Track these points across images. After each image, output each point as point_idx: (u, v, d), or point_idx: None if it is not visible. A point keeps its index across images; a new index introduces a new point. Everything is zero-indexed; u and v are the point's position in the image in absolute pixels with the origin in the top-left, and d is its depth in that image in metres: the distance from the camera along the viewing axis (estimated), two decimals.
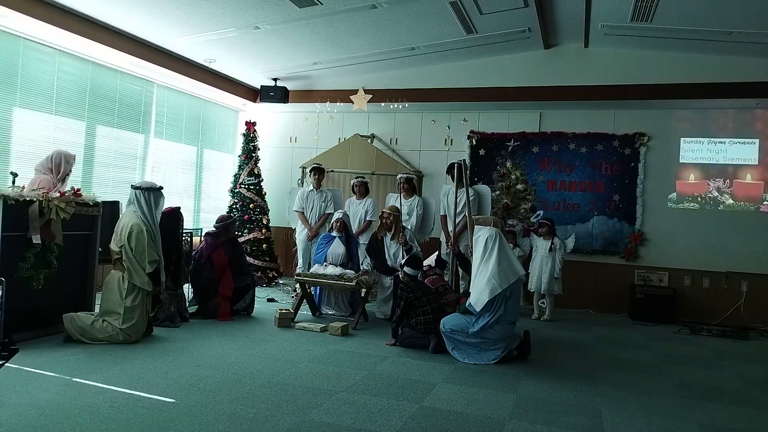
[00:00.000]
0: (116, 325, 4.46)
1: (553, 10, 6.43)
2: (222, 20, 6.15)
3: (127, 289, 4.55)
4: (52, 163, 4.82)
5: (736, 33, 6.10)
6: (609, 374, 4.51)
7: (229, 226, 6.10)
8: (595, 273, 7.63)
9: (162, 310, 5.16)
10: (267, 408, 3.29)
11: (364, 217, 6.82)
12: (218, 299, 5.71)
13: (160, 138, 7.61)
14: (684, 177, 7.45)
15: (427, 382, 3.99)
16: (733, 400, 4.01)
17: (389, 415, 3.30)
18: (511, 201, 7.60)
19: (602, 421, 3.42)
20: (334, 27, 6.48)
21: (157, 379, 3.66)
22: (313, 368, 4.17)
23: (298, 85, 8.59)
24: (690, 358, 5.25)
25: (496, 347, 4.60)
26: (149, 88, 7.39)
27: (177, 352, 4.37)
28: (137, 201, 4.74)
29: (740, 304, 7.12)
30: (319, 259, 6.19)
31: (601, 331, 6.29)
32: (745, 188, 7.23)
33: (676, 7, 5.70)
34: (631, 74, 7.19)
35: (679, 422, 3.49)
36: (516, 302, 4.73)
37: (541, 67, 7.59)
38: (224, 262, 5.85)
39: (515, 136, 7.97)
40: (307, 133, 8.92)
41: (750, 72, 6.77)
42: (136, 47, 6.55)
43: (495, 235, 4.65)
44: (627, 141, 7.59)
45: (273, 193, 8.59)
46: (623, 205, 7.60)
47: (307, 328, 5.43)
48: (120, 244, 4.59)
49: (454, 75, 7.92)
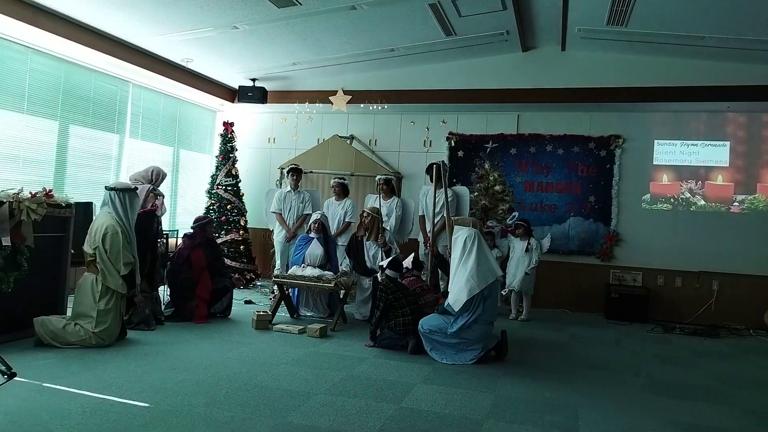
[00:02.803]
0: (89, 328, 4.37)
1: (531, 14, 6.50)
2: (200, 19, 6.09)
3: (100, 292, 4.47)
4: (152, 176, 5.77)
5: (708, 38, 6.23)
6: (585, 373, 4.57)
7: (206, 227, 6.02)
8: (571, 273, 7.72)
9: (136, 312, 5.08)
10: (244, 411, 3.26)
11: (343, 218, 6.80)
12: (195, 301, 5.64)
13: (136, 138, 7.50)
14: (658, 178, 7.59)
15: (406, 383, 3.99)
16: (705, 398, 4.10)
17: (368, 417, 3.29)
18: (490, 202, 7.65)
19: (578, 420, 3.46)
20: (313, 27, 6.46)
21: (130, 383, 3.60)
22: (291, 370, 4.14)
23: (276, 85, 8.54)
24: (663, 357, 5.34)
25: (474, 347, 4.63)
26: (124, 88, 7.28)
27: (152, 356, 4.30)
28: (112, 202, 4.67)
29: (711, 303, 7.27)
30: (297, 261, 6.16)
31: (577, 331, 6.38)
32: (717, 190, 7.39)
33: (651, 12, 5.81)
34: (607, 77, 7.31)
35: (653, 420, 3.55)
36: (494, 302, 4.77)
37: (518, 70, 7.67)
38: (203, 263, 5.79)
39: (493, 138, 8.04)
40: (286, 133, 8.87)
41: (721, 76, 6.92)
42: (111, 46, 6.44)
43: (474, 236, 4.68)
44: (602, 143, 7.70)
45: (251, 194, 8.52)
46: (599, 206, 7.71)
47: (285, 330, 5.40)
48: (94, 246, 4.51)
49: (433, 77, 7.95)
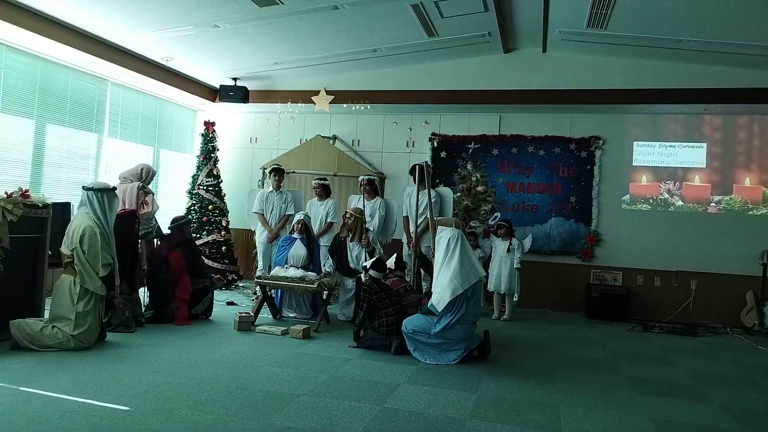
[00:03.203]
0: (67, 331, 4.30)
1: (512, 15, 6.55)
2: (180, 17, 6.02)
3: (78, 294, 4.40)
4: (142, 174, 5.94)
5: (685, 41, 6.34)
6: (566, 372, 4.62)
7: (183, 227, 5.95)
8: (552, 273, 7.80)
9: (116, 314, 5.00)
10: (226, 414, 3.23)
11: (325, 218, 6.78)
12: (175, 302, 5.58)
13: (115, 137, 7.39)
14: (637, 179, 7.70)
15: (389, 384, 3.99)
16: (684, 395, 4.16)
17: (351, 418, 3.28)
18: (472, 203, 7.70)
19: (560, 418, 3.49)
20: (295, 27, 6.43)
21: (110, 387, 3.54)
22: (274, 372, 4.12)
23: (258, 85, 8.48)
24: (643, 355, 5.42)
25: (457, 347, 4.65)
26: (103, 86, 7.17)
27: (132, 358, 4.24)
28: (90, 203, 4.60)
29: (689, 302, 7.40)
30: (280, 262, 6.12)
31: (559, 330, 6.44)
32: (694, 190, 7.53)
33: (629, 15, 5.89)
34: (587, 79, 7.39)
35: (634, 417, 3.60)
36: (477, 302, 4.80)
37: (500, 71, 7.72)
38: (181, 264, 5.72)
39: (476, 139, 8.08)
40: (268, 133, 8.81)
41: (698, 79, 7.05)
42: (89, 43, 6.33)
43: (457, 236, 4.70)
44: (583, 144, 7.79)
45: (232, 194, 8.45)
46: (580, 207, 7.80)
47: (268, 332, 5.36)
48: (72, 247, 4.43)
49: (415, 77, 7.97)
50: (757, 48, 6.17)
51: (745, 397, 4.19)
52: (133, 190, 5.78)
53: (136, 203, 5.72)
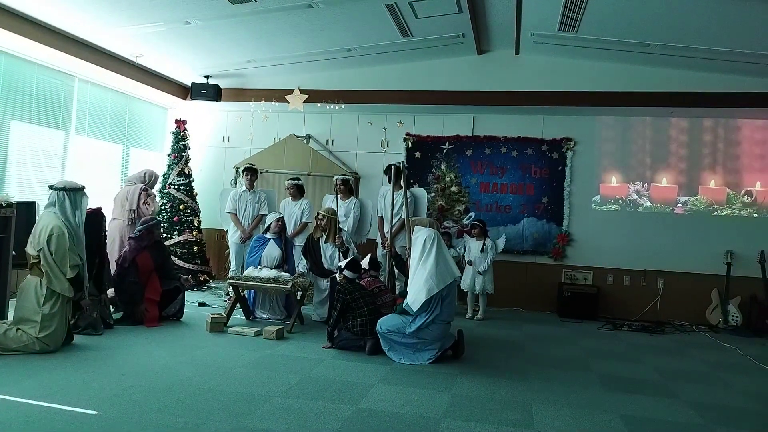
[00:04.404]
0: (32, 333, 4.18)
1: (486, 17, 6.61)
2: (150, 13, 5.91)
3: (45, 296, 4.28)
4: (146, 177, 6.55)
5: (652, 45, 6.49)
6: (539, 370, 4.68)
7: (153, 228, 5.83)
8: (525, 273, 7.89)
9: (83, 316, 4.87)
10: (197, 416, 3.18)
11: (299, 218, 6.74)
12: (146, 304, 5.47)
13: (82, 135, 7.21)
14: (607, 180, 7.85)
15: (364, 384, 3.98)
16: (652, 392, 4.26)
17: (325, 419, 3.27)
18: (446, 203, 7.74)
19: (532, 416, 3.54)
20: (269, 25, 6.37)
21: (77, 391, 3.45)
22: (247, 374, 4.07)
23: (231, 83, 8.38)
24: (612, 353, 5.52)
25: (431, 347, 4.67)
26: (70, 83, 6.99)
27: (100, 361, 4.14)
28: (59, 202, 4.48)
29: (657, 301, 7.57)
30: (253, 262, 6.06)
31: (531, 329, 6.52)
32: (661, 191, 7.71)
33: (600, 19, 6.00)
34: (559, 81, 7.50)
35: (604, 414, 3.66)
36: (452, 302, 4.82)
37: (474, 72, 7.78)
38: (150, 265, 5.62)
39: (450, 139, 8.13)
40: (241, 132, 8.72)
41: (665, 82, 7.22)
42: (54, 39, 6.16)
43: (433, 237, 4.72)
44: (555, 145, 7.91)
45: (205, 193, 8.32)
46: (551, 207, 7.91)
47: (241, 333, 5.30)
48: (38, 248, 4.31)
49: (390, 77, 7.98)
50: (722, 53, 6.36)
51: (710, 393, 4.30)
52: (135, 191, 6.43)
53: (137, 203, 6.37)
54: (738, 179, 7.51)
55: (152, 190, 6.70)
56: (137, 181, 6.59)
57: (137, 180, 6.61)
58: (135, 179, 6.64)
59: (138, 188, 6.49)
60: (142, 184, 6.54)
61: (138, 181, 6.60)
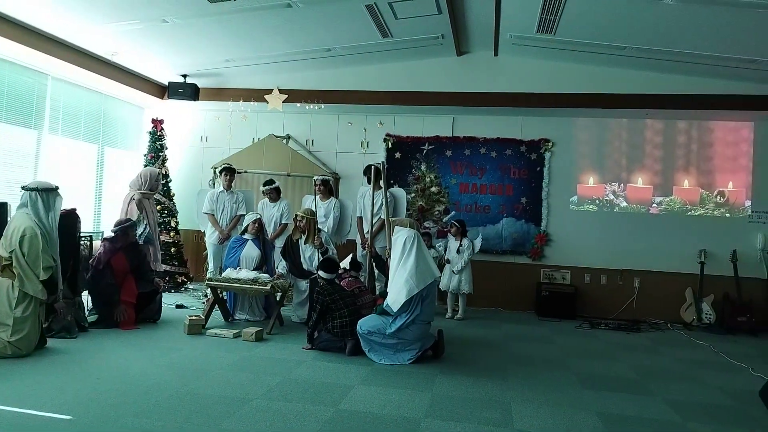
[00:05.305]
0: (4, 337, 4.08)
1: (465, 19, 6.64)
2: (126, 11, 5.81)
3: (17, 298, 4.19)
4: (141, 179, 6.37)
5: (628, 48, 6.59)
6: (518, 369, 4.72)
7: (128, 230, 5.75)
8: (504, 272, 7.95)
9: (57, 319, 4.78)
10: (175, 420, 3.13)
11: (279, 220, 6.69)
12: (122, 306, 5.38)
13: (56, 134, 7.06)
14: (584, 181, 7.95)
15: (344, 385, 3.97)
16: (629, 389, 4.32)
17: (305, 421, 3.25)
18: (426, 203, 7.77)
19: (512, 415, 3.56)
20: (248, 24, 6.31)
21: (51, 395, 3.38)
22: (226, 376, 4.03)
23: (209, 82, 8.28)
24: (590, 351, 5.59)
25: (411, 347, 4.67)
26: (42, 81, 6.83)
27: (74, 365, 4.06)
28: (33, 203, 4.40)
29: (633, 299, 7.69)
30: (232, 263, 6.00)
31: (510, 328, 6.57)
32: (637, 192, 7.83)
33: (577, 22, 6.08)
34: (537, 83, 7.57)
35: (582, 412, 3.71)
36: (432, 303, 4.83)
37: (454, 74, 7.81)
38: (125, 267, 5.53)
39: (429, 140, 8.16)
40: (220, 132, 8.63)
41: (640, 85, 7.33)
42: (26, 35, 6.01)
43: (413, 237, 4.73)
44: (533, 146, 7.98)
45: (182, 194, 8.22)
46: (530, 208, 7.99)
47: (219, 335, 5.25)
48: (10, 250, 4.22)
49: (370, 78, 7.96)
50: (695, 57, 6.49)
51: (685, 390, 4.38)
52: (125, 200, 6.36)
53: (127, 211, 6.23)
54: (711, 180, 7.67)
55: (156, 191, 6.63)
56: (132, 187, 6.43)
57: (132, 186, 6.45)
58: (131, 185, 6.47)
59: (128, 197, 6.36)
60: (138, 190, 6.35)
61: (133, 186, 6.42)
